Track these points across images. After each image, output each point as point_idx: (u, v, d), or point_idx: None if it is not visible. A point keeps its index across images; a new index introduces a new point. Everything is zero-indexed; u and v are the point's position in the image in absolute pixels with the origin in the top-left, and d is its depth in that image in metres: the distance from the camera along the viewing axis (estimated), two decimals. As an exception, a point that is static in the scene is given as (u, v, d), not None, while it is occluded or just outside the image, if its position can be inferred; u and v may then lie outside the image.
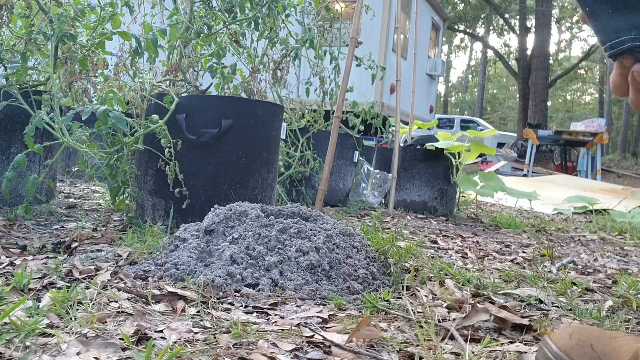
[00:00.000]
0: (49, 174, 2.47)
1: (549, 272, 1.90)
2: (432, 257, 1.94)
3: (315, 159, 3.47)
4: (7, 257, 1.49)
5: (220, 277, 1.35)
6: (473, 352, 1.00)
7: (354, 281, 1.44)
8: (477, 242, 2.60)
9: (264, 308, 1.22)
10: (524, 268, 1.96)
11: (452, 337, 1.06)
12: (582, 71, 32.26)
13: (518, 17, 21.22)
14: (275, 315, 1.19)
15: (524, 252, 2.38)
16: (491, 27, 29.85)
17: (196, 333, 1.02)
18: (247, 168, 2.14)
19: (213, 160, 2.10)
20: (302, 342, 1.01)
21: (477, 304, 1.18)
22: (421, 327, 1.11)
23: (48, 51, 2.07)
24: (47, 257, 1.53)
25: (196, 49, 2.53)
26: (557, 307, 1.40)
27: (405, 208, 3.79)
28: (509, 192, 3.85)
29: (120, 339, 0.95)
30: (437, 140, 3.77)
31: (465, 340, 1.04)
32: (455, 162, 3.70)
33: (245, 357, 0.92)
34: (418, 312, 1.24)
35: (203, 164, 2.09)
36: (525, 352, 1.00)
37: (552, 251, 2.24)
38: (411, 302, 1.33)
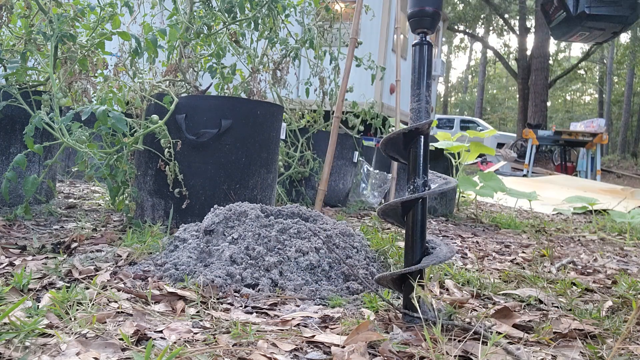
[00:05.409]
0: (49, 174, 2.47)
1: (549, 272, 1.89)
2: (432, 258, 1.93)
3: (315, 159, 3.46)
4: (6, 257, 1.49)
5: (220, 277, 1.35)
6: (478, 355, 1.00)
7: (353, 281, 1.44)
8: (477, 242, 2.59)
9: (264, 308, 1.22)
10: (523, 268, 1.96)
11: (453, 338, 1.06)
12: (581, 71, 32.27)
13: (518, 17, 21.24)
14: (275, 315, 1.18)
15: (523, 252, 2.38)
16: (491, 28, 29.85)
17: (196, 333, 1.02)
18: (246, 168, 2.14)
19: (213, 161, 2.10)
20: (302, 342, 1.01)
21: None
22: (429, 326, 1.11)
23: (48, 51, 2.07)
24: (46, 258, 1.53)
25: (196, 49, 2.53)
26: (557, 307, 1.40)
27: (405, 208, 3.78)
28: (509, 192, 3.85)
29: (119, 339, 0.95)
30: (436, 141, 3.78)
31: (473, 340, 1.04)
32: (455, 162, 3.70)
33: (245, 357, 0.91)
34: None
35: (203, 164, 2.09)
36: None
37: (551, 251, 2.24)
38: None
